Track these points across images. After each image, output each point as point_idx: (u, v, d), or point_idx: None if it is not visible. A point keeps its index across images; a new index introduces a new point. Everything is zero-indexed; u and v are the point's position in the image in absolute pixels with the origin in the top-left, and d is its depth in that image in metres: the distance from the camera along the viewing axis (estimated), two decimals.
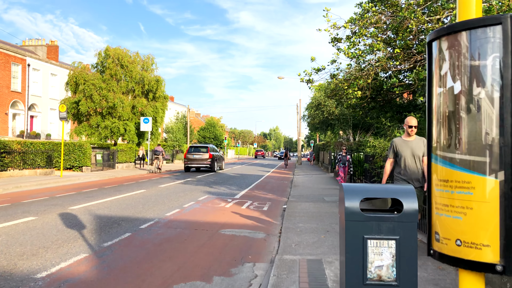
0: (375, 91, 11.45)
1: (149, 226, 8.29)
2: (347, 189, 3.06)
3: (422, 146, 5.96)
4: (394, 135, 10.38)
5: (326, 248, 6.67)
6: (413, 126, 5.97)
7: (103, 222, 8.53)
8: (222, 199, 13.00)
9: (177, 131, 46.10)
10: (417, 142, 6.02)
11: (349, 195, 3.02)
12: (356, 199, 3.00)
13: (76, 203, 10.97)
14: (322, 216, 9.77)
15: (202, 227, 8.51)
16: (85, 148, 24.70)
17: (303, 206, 11.46)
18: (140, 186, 16.29)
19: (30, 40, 47.14)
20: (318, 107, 32.27)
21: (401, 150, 6.04)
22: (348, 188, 3.07)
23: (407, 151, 5.98)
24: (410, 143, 6.01)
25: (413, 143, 6.00)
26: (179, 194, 13.85)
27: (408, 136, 6.09)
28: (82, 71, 29.42)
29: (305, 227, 8.42)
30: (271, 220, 9.68)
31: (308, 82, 10.63)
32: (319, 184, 19.15)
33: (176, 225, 8.60)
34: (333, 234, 7.70)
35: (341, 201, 3.15)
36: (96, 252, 6.22)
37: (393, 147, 6.16)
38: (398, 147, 6.08)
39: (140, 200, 12.15)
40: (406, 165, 5.99)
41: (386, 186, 3.24)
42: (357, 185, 3.21)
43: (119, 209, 10.28)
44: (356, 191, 3.06)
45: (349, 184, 3.15)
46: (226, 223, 9.08)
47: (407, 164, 5.99)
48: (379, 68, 10.10)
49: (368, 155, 12.69)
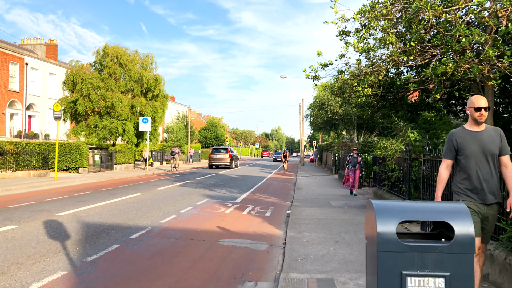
0: (385, 88, 10.69)
1: (140, 236, 7.55)
2: (380, 208, 2.31)
3: (497, 140, 4.03)
4: (407, 135, 9.61)
5: (336, 263, 5.92)
6: (482, 108, 3.97)
7: (90, 231, 7.78)
8: (222, 204, 12.25)
9: (177, 131, 45.34)
10: (489, 133, 4.06)
11: (382, 216, 2.27)
12: (391, 222, 2.25)
13: (65, 209, 10.23)
14: (330, 224, 9.02)
15: (199, 236, 7.76)
16: (82, 149, 23.98)
17: (308, 212, 10.70)
18: (136, 189, 15.55)
19: (28, 39, 46.52)
20: (322, 107, 31.51)
21: (466, 145, 4.05)
22: (381, 207, 2.32)
23: (474, 147, 4.02)
24: (480, 135, 4.04)
25: (484, 135, 4.04)
26: (176, 198, 13.10)
27: (475, 125, 4.08)
28: (80, 69, 28.69)
29: (311, 237, 7.67)
30: (274, 227, 8.92)
31: (314, 79, 9.87)
32: (324, 186, 18.38)
33: (170, 234, 7.85)
34: (343, 246, 6.94)
35: (369, 223, 2.40)
36: (77, 269, 5.47)
37: (453, 142, 4.15)
38: (461, 141, 4.09)
39: (134, 205, 11.40)
40: (474, 168, 4.01)
41: (430, 204, 2.47)
42: (392, 203, 2.45)
43: (110, 216, 9.54)
44: (392, 210, 2.31)
45: (380, 202, 2.40)
46: (225, 231, 8.33)
47: (476, 167, 4.00)
48: (391, 64, 9.33)
49: (376, 157, 11.93)
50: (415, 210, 2.33)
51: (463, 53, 8.53)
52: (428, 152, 7.63)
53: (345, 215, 10.17)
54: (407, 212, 2.30)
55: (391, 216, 2.26)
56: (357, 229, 8.38)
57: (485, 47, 7.85)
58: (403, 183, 9.27)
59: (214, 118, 73.70)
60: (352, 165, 14.23)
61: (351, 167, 14.23)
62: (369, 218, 2.37)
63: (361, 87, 9.42)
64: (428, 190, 7.55)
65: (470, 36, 7.79)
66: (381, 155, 10.26)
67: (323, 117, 32.45)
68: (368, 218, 2.41)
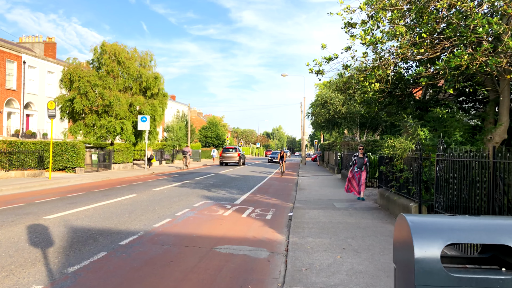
0: (393, 84, 10.09)
1: (130, 242, 6.97)
2: (417, 226, 1.72)
3: None
4: (417, 134, 9.01)
5: (345, 274, 5.33)
6: None
7: (77, 237, 7.21)
8: (221, 205, 11.67)
9: (177, 130, 44.75)
10: None
11: (422, 236, 1.68)
12: (434, 245, 1.67)
13: (53, 212, 9.66)
14: (335, 228, 8.43)
15: (194, 242, 7.18)
16: (78, 148, 23.42)
17: (311, 214, 10.12)
18: (132, 190, 14.97)
19: (27, 37, 45.97)
20: (324, 105, 30.90)
21: None
22: (419, 225, 1.73)
23: None
24: None
25: None
26: (173, 200, 12.52)
27: None
28: (77, 67, 28.10)
29: (316, 243, 7.09)
30: (275, 232, 8.34)
31: (318, 73, 9.28)
32: (326, 187, 17.79)
33: (163, 240, 7.27)
34: (350, 254, 6.36)
35: (402, 244, 1.81)
36: (54, 282, 4.90)
37: None
38: None
39: (128, 207, 10.83)
40: None
41: (484, 220, 1.87)
42: (432, 219, 1.86)
43: (101, 219, 8.97)
44: (434, 229, 1.72)
45: (417, 218, 1.81)
46: (223, 236, 7.75)
47: None
48: (399, 57, 8.73)
49: (382, 157, 11.32)
50: (465, 229, 1.74)
51: (478, 45, 7.95)
52: (442, 151, 7.04)
53: (350, 218, 9.58)
54: (454, 231, 1.71)
55: (434, 237, 1.67)
56: (364, 234, 7.79)
57: (503, 37, 7.26)
58: (413, 184, 8.68)
59: (215, 117, 73.09)
60: (358, 166, 12.69)
61: (356, 169, 12.69)
62: (402, 238, 1.79)
63: (368, 82, 8.82)
64: (443, 192, 6.96)
65: (487, 25, 7.19)
66: (389, 155, 9.66)
67: (325, 115, 31.85)
68: (399, 237, 1.83)
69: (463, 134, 8.89)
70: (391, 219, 9.46)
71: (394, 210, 9.90)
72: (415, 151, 8.57)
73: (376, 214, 10.13)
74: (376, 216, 9.90)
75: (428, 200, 8.53)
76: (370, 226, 8.59)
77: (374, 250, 6.57)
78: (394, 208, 9.88)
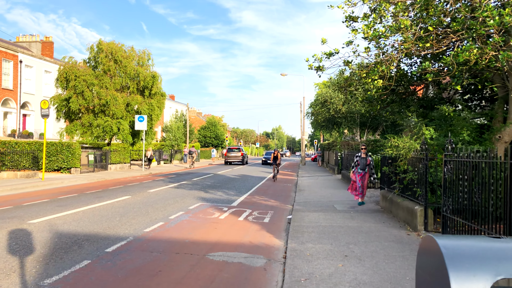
0: (396, 81, 9.64)
1: (118, 249, 6.52)
2: (454, 254, 1.27)
3: None
4: (422, 133, 8.57)
5: (347, 286, 4.89)
6: None
7: (61, 243, 6.76)
8: (217, 208, 11.22)
9: (176, 130, 44.25)
10: None
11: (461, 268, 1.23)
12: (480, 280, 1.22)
13: (40, 215, 9.21)
14: (336, 232, 7.98)
15: (186, 249, 6.73)
16: (74, 148, 22.97)
17: (311, 217, 9.67)
18: (126, 191, 14.52)
19: (24, 36, 45.46)
20: (324, 104, 30.45)
21: None
22: (455, 253, 1.28)
23: None
24: None
25: None
26: (167, 202, 12.07)
27: None
28: (73, 66, 27.65)
29: (315, 249, 6.65)
30: (273, 236, 7.90)
31: (317, 70, 8.83)
32: (327, 188, 17.35)
33: (153, 246, 6.82)
34: (353, 262, 5.92)
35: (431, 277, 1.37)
36: None
37: None
38: None
39: (119, 210, 10.38)
40: None
41: None
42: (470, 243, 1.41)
43: (90, 223, 8.52)
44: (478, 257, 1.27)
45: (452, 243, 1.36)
46: (218, 242, 7.30)
47: None
48: (403, 53, 8.29)
49: (385, 157, 10.86)
50: None
51: (488, 39, 7.51)
52: (450, 152, 6.60)
53: (352, 222, 9.14)
54: (506, 260, 1.27)
55: (478, 270, 1.23)
56: (367, 239, 7.35)
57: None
58: (418, 186, 8.23)
59: (214, 117, 72.59)
60: (360, 167, 11.48)
61: (359, 171, 11.51)
62: (430, 267, 1.34)
63: (370, 79, 8.38)
64: (451, 195, 6.51)
65: (497, 17, 6.75)
66: (392, 155, 9.20)
67: (325, 115, 31.40)
68: (427, 266, 1.38)
69: (470, 133, 8.44)
70: (395, 223, 9.02)
71: (398, 213, 9.45)
72: (421, 151, 8.13)
73: (379, 217, 9.69)
74: (378, 219, 9.46)
75: (434, 203, 8.09)
76: (373, 231, 8.14)
77: (379, 258, 6.13)
78: (398, 210, 9.44)
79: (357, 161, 11.61)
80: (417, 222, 7.97)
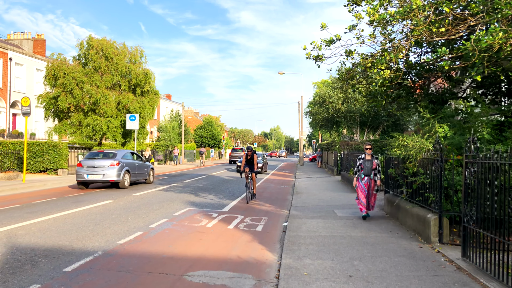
0: (403, 73, 8.63)
1: (79, 268, 5.48)
2: None
3: None
4: (435, 131, 7.56)
5: None
6: None
7: (12, 261, 5.72)
8: (206, 214, 10.19)
9: (170, 129, 43.13)
10: None
11: None
12: None
13: (2, 224, 8.16)
14: (337, 244, 6.96)
15: (162, 267, 5.70)
16: (61, 149, 21.91)
17: (309, 226, 8.65)
18: (109, 195, 13.46)
19: (15, 33, 44.34)
20: (323, 104, 29.46)
21: None
22: None
23: None
24: None
25: None
26: (152, 207, 11.03)
27: None
28: (62, 63, 26.55)
29: (314, 267, 5.63)
30: (265, 249, 6.87)
31: (316, 59, 7.82)
32: (326, 190, 16.33)
33: (123, 264, 5.78)
34: (359, 284, 4.90)
35: None
36: None
37: None
38: None
39: (96, 216, 9.34)
40: None
41: None
42: None
43: (57, 234, 7.48)
44: None
45: None
46: (200, 257, 6.27)
47: None
48: (415, 38, 7.28)
49: (390, 158, 9.84)
50: None
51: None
52: (474, 152, 5.58)
53: (355, 231, 8.12)
54: None
55: None
56: (374, 253, 6.33)
57: None
58: (430, 191, 7.22)
59: (211, 116, 71.48)
60: (365, 172, 9.30)
61: (363, 175, 9.35)
62: None
63: (376, 69, 7.37)
64: (475, 203, 5.49)
65: None
66: (400, 155, 8.18)
67: (324, 114, 30.43)
68: None
69: (490, 131, 7.43)
70: (403, 232, 8.00)
71: (406, 221, 8.44)
72: (434, 151, 7.12)
73: (385, 225, 8.67)
74: (384, 227, 8.44)
75: (450, 210, 7.08)
76: (379, 242, 7.12)
77: (390, 279, 5.11)
78: (406, 218, 8.42)
79: (360, 165, 9.49)
80: (430, 232, 6.96)
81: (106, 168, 15.14)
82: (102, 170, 15.10)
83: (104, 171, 15.07)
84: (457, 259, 5.92)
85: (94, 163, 15.30)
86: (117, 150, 16.84)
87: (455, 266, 5.61)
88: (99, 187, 16.15)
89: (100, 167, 15.18)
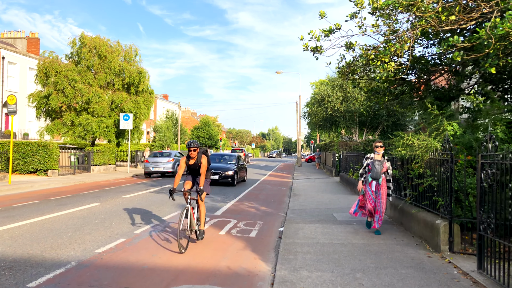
0: (407, 68, 8.01)
1: (45, 283, 4.83)
2: None
3: None
4: (443, 128, 6.95)
5: None
6: None
7: None
8: None
9: (166, 130, 42.46)
10: None
11: None
12: None
13: None
14: (338, 253, 6.34)
15: (141, 280, 5.06)
16: (51, 149, 21.20)
17: (306, 231, 8.02)
18: (97, 197, 12.81)
19: (9, 32, 43.62)
20: (321, 103, 28.84)
21: None
22: None
23: None
24: None
25: None
26: (140, 211, 10.38)
27: None
28: (54, 61, 25.85)
29: (312, 280, 5.01)
30: (258, 258, 6.24)
31: (315, 51, 7.20)
32: (324, 192, 15.71)
33: (97, 277, 5.14)
34: None
35: None
36: None
37: None
38: None
39: (77, 221, 8.69)
40: None
41: None
42: None
43: (30, 241, 6.83)
44: None
45: None
46: (186, 268, 5.64)
47: None
48: (421, 28, 6.66)
49: (393, 158, 9.21)
50: None
51: None
52: (492, 151, 4.97)
53: (356, 237, 7.49)
54: None
55: None
56: (378, 264, 5.70)
57: None
58: (438, 194, 6.61)
59: (208, 116, 70.83)
60: (372, 175, 7.59)
61: (370, 180, 7.68)
62: None
63: (379, 61, 6.75)
64: (493, 208, 4.87)
65: None
66: (405, 156, 7.57)
67: (322, 114, 29.83)
68: None
69: (504, 130, 6.82)
70: (408, 239, 7.38)
71: (411, 226, 7.82)
72: (443, 151, 6.50)
73: (388, 231, 8.04)
74: (388, 233, 7.82)
75: (461, 216, 6.46)
76: (383, 251, 6.50)
77: None
78: (412, 223, 7.79)
79: (367, 166, 7.82)
80: (439, 240, 6.34)
81: (164, 163, 22.24)
82: (162, 165, 22.16)
83: (164, 165, 22.13)
84: (472, 271, 5.30)
85: (156, 160, 22.39)
86: (171, 151, 24.67)
87: (471, 280, 4.98)
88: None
89: (161, 162, 22.25)
